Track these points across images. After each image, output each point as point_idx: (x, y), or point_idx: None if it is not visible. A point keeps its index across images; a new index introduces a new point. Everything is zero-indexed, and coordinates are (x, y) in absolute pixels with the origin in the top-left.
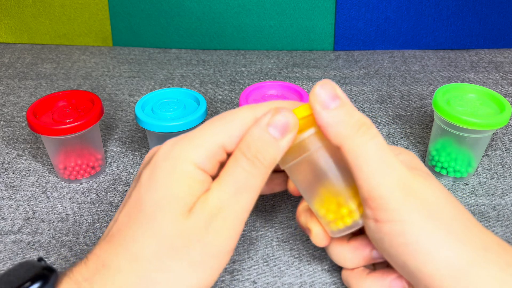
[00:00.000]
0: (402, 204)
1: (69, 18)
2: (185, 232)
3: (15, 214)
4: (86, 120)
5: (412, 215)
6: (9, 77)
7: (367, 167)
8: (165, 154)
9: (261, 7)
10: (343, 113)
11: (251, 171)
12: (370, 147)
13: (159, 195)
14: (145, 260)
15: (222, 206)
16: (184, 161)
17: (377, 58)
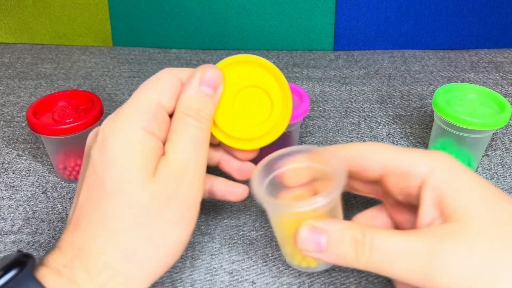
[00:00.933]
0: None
1: (69, 18)
2: (157, 195)
3: (15, 214)
4: (86, 120)
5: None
6: (9, 77)
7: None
8: (110, 128)
9: (261, 7)
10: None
11: (200, 126)
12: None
13: (119, 169)
14: (124, 231)
15: (187, 163)
16: (132, 128)
17: (377, 58)
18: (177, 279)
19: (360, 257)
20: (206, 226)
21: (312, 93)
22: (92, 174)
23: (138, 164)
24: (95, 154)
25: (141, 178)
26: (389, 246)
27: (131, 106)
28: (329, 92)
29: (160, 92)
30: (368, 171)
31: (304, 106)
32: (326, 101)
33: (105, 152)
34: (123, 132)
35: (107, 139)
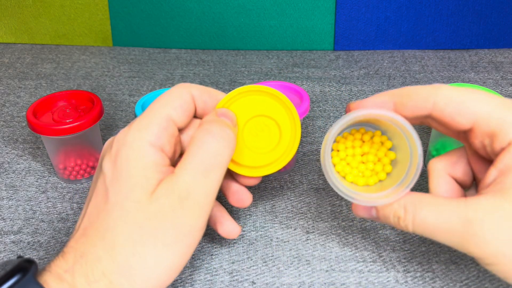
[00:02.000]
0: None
1: (69, 18)
2: (152, 215)
3: (15, 214)
4: (86, 120)
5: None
6: (9, 77)
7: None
8: (122, 140)
9: (261, 7)
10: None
11: (216, 147)
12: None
13: (121, 183)
14: (120, 247)
15: (190, 188)
16: (139, 143)
17: (377, 58)
18: (177, 279)
19: (405, 229)
20: (206, 226)
21: (312, 93)
22: (101, 184)
23: (137, 181)
24: (107, 164)
25: (139, 197)
26: (429, 221)
27: (142, 120)
28: (329, 92)
29: (172, 107)
30: (457, 122)
31: (304, 106)
32: (326, 101)
33: (116, 164)
34: (131, 145)
35: (119, 151)
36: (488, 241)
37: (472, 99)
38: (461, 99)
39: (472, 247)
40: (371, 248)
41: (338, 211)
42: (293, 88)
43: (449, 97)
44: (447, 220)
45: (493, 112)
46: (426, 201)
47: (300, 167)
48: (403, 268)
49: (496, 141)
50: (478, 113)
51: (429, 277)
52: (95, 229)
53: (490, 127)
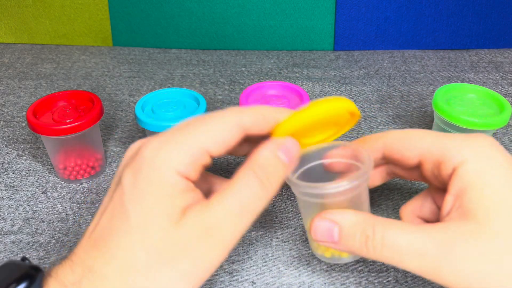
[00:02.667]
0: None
1: (69, 18)
2: (176, 242)
3: (15, 214)
4: (86, 120)
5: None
6: (9, 77)
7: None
8: (149, 160)
9: (261, 7)
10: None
11: (259, 193)
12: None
13: (146, 207)
14: (133, 269)
15: (221, 224)
16: (167, 171)
17: (377, 58)
18: None
19: (371, 252)
20: None
21: (312, 93)
22: (119, 199)
23: (162, 209)
24: (127, 179)
25: (163, 224)
26: (400, 243)
27: (178, 144)
28: (329, 92)
29: (212, 141)
30: (406, 157)
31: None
32: None
33: (137, 185)
34: (159, 169)
35: (142, 170)
36: (461, 268)
37: (415, 135)
38: (406, 136)
39: (444, 272)
40: None
41: None
42: (293, 88)
43: (395, 136)
44: (421, 241)
45: (435, 143)
46: (396, 224)
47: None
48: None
49: (442, 169)
50: (422, 146)
51: None
52: (108, 245)
53: (435, 157)
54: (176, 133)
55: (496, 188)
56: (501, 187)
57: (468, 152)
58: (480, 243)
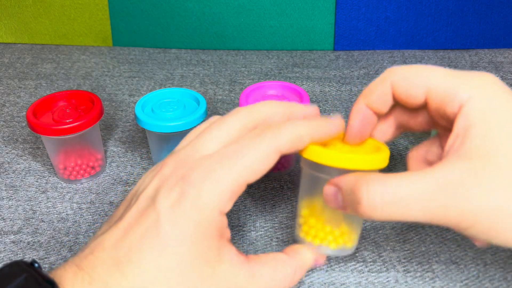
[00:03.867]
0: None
1: (69, 18)
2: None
3: (15, 214)
4: (86, 120)
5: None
6: (9, 77)
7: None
8: (191, 197)
9: (261, 7)
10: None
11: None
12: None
13: (185, 246)
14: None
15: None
16: (211, 212)
17: (377, 58)
18: None
19: (372, 212)
20: None
21: (312, 93)
22: (153, 227)
23: (201, 250)
24: (164, 209)
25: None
26: (401, 195)
27: (220, 181)
28: (329, 92)
29: (253, 171)
30: (413, 95)
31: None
32: (326, 101)
33: (176, 219)
34: (202, 211)
35: (183, 205)
36: (468, 207)
37: (422, 71)
38: (412, 72)
39: (451, 213)
40: (371, 248)
41: None
42: (293, 88)
43: (402, 72)
44: (423, 188)
45: (441, 79)
46: (395, 175)
47: (300, 167)
48: (403, 268)
49: (448, 107)
50: (428, 82)
51: (429, 277)
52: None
53: (440, 94)
54: (217, 167)
55: (501, 126)
56: (505, 125)
57: (473, 90)
58: (485, 180)
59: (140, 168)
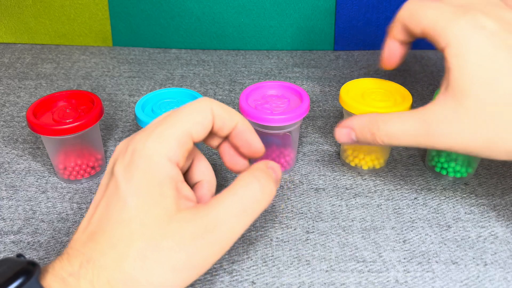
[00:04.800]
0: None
1: (69, 18)
2: (173, 235)
3: (15, 214)
4: (86, 120)
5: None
6: (9, 77)
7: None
8: (139, 151)
9: (261, 7)
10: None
11: (259, 196)
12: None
13: (143, 197)
14: (130, 259)
15: (220, 224)
16: (159, 158)
17: (377, 58)
18: None
19: (379, 141)
20: None
21: (312, 93)
22: (114, 192)
23: (160, 200)
24: (120, 172)
25: (160, 215)
26: (398, 132)
27: (162, 131)
28: (329, 92)
29: (192, 122)
30: (411, 29)
31: (304, 106)
32: (326, 101)
33: (131, 175)
34: (150, 159)
35: (134, 162)
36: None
37: (425, 7)
38: (414, 11)
39: (434, 140)
40: (371, 248)
41: (338, 211)
42: (293, 88)
43: (408, 9)
44: (413, 126)
45: (431, 22)
46: (392, 116)
47: (300, 167)
48: (403, 268)
49: (437, 47)
50: (422, 24)
51: (429, 277)
52: (106, 237)
53: (432, 34)
54: (158, 124)
55: (472, 70)
56: (477, 68)
57: (450, 37)
58: (458, 115)
59: None
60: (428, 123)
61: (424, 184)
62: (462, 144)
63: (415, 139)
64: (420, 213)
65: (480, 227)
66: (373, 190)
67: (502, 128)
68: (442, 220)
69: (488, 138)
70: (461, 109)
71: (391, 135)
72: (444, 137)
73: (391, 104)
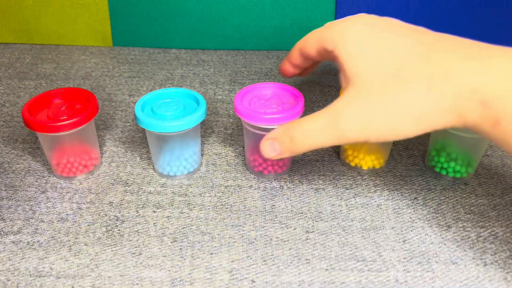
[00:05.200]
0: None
1: (69, 18)
2: None
3: (15, 214)
4: (81, 118)
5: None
6: (9, 77)
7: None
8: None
9: (261, 7)
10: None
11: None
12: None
13: None
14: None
15: None
16: None
17: None
18: (176, 278)
19: (296, 146)
20: (206, 225)
21: (312, 93)
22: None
23: None
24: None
25: None
26: (311, 133)
27: None
28: (329, 92)
29: None
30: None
31: (298, 107)
32: (326, 101)
33: None
34: None
35: None
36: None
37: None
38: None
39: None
40: (371, 248)
41: (338, 211)
42: (287, 89)
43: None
44: (321, 124)
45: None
46: (306, 117)
47: (300, 167)
48: (403, 268)
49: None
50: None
51: (429, 277)
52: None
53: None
54: None
55: (357, 54)
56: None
57: (338, 42)
58: (356, 99)
59: (140, 168)
60: (335, 116)
61: (424, 184)
62: (366, 129)
63: (327, 134)
64: (420, 213)
65: (480, 227)
66: (373, 190)
67: (390, 104)
68: (442, 220)
69: (383, 117)
70: (357, 93)
71: (306, 134)
72: (350, 124)
73: None
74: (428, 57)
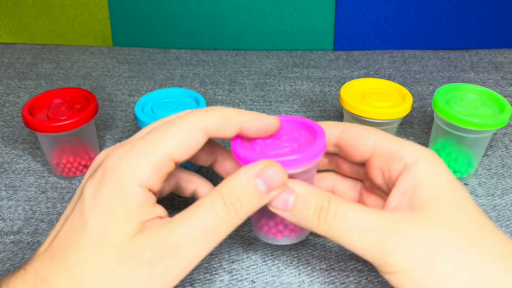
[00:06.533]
0: (395, 255)
1: (69, 18)
2: (130, 260)
3: (15, 214)
4: (80, 118)
5: (412, 262)
6: (9, 77)
7: (344, 242)
8: (110, 170)
9: (261, 7)
10: (301, 208)
11: (224, 218)
12: (336, 226)
13: (102, 220)
14: (85, 284)
15: (180, 246)
16: (129, 183)
17: (377, 58)
18: None
19: (322, 223)
20: None
21: (312, 93)
22: (79, 211)
23: (120, 223)
24: (88, 191)
25: (119, 239)
26: (352, 217)
27: (139, 154)
28: (329, 92)
29: (175, 145)
30: (360, 149)
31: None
32: (326, 101)
33: (97, 195)
34: (119, 182)
35: (103, 181)
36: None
37: (372, 131)
38: (363, 130)
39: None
40: None
41: None
42: (304, 123)
43: (354, 127)
44: (370, 218)
45: (389, 141)
46: (350, 202)
47: None
48: None
49: (393, 165)
50: (377, 141)
51: None
52: (64, 257)
53: (388, 153)
54: (139, 141)
55: (443, 190)
56: (446, 190)
57: (419, 154)
58: (425, 228)
59: None
60: (389, 222)
61: None
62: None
63: (367, 235)
64: None
65: None
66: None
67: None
68: None
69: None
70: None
71: (343, 217)
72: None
73: (391, 104)
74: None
